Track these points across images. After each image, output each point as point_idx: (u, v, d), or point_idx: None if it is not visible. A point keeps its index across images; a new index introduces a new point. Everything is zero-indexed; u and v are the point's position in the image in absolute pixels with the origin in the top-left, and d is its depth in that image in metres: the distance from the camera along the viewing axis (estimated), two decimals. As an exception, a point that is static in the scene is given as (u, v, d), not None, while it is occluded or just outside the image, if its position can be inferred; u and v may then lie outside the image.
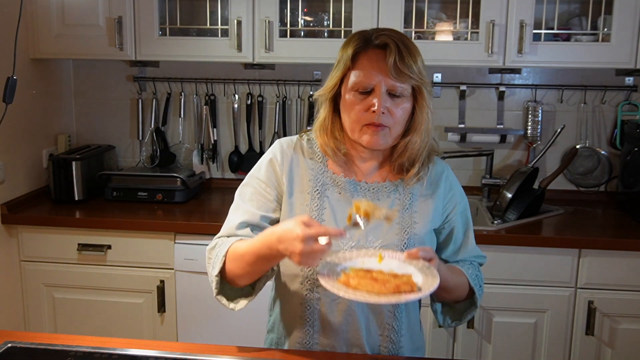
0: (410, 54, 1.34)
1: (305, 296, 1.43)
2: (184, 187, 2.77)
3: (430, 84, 1.41)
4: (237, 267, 1.35)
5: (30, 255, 2.58)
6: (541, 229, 2.50)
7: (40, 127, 2.86)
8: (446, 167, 1.53)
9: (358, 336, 1.43)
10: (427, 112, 1.40)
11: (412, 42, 1.38)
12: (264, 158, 1.50)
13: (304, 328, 1.45)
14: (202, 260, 2.44)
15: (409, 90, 1.36)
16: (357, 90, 1.36)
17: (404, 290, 1.22)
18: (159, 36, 2.67)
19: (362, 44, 1.37)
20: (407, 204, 1.45)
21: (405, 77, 1.33)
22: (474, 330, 2.44)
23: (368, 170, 1.47)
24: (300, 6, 2.67)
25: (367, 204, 1.29)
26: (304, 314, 1.44)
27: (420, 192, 1.47)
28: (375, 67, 1.34)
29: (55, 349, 1.36)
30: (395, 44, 1.33)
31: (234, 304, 1.41)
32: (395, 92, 1.35)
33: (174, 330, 2.55)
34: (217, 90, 3.03)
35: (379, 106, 1.33)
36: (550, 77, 2.88)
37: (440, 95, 2.94)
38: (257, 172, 1.48)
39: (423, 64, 1.38)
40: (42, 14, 2.68)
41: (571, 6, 2.73)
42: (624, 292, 2.35)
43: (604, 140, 2.90)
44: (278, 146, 1.50)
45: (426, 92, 1.39)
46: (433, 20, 2.68)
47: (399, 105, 1.36)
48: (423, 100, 1.38)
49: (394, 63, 1.32)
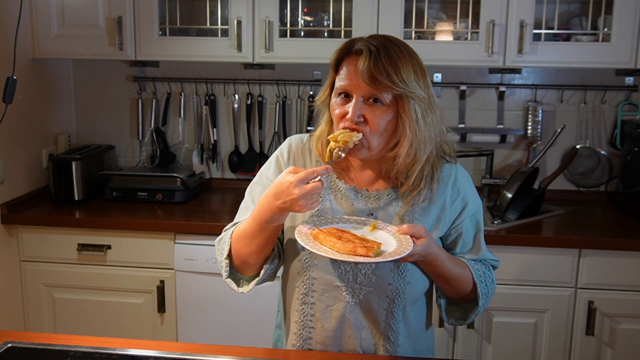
0: (390, 61, 1.29)
1: (301, 300, 1.43)
2: (184, 187, 2.77)
3: (423, 97, 1.32)
4: (243, 244, 1.37)
5: (30, 255, 2.58)
6: (541, 229, 2.50)
7: (40, 127, 2.86)
8: (456, 171, 1.47)
9: (352, 343, 1.42)
10: (410, 125, 1.31)
11: (402, 50, 1.32)
12: (273, 156, 1.52)
13: (299, 332, 1.45)
14: (202, 260, 2.46)
15: (389, 98, 1.30)
16: (340, 95, 1.35)
17: (360, 253, 1.22)
18: (158, 36, 2.67)
19: (346, 51, 1.36)
20: (409, 212, 1.42)
21: (380, 85, 1.28)
22: (474, 330, 2.44)
23: (367, 179, 1.45)
24: (300, 6, 2.67)
25: (342, 133, 1.31)
26: (299, 318, 1.44)
27: (423, 200, 1.41)
28: (352, 72, 1.32)
29: (55, 349, 1.36)
30: (371, 50, 1.29)
31: (241, 287, 1.43)
32: (372, 99, 1.31)
33: (174, 330, 2.55)
34: (217, 90, 3.03)
35: (352, 114, 1.30)
36: (550, 77, 2.88)
37: (440, 95, 2.94)
38: (266, 170, 1.50)
39: (417, 75, 1.32)
40: (42, 14, 2.67)
41: (571, 6, 2.73)
42: (624, 292, 2.35)
43: (604, 140, 2.90)
44: (287, 144, 1.51)
45: (414, 103, 1.31)
46: (433, 20, 2.68)
47: (376, 113, 1.31)
48: (405, 112, 1.31)
49: (367, 70, 1.28)
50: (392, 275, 1.39)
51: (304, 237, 1.28)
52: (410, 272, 1.40)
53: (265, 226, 1.32)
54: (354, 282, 1.39)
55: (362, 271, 1.39)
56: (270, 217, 1.30)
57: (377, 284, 1.39)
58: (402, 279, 1.39)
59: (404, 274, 1.39)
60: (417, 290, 1.43)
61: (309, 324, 1.43)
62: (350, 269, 1.39)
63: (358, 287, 1.39)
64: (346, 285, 1.39)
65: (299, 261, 1.41)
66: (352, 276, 1.39)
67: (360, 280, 1.39)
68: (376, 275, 1.39)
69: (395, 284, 1.39)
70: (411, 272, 1.40)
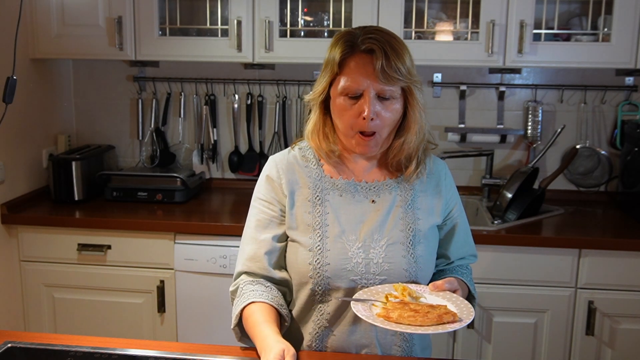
0: (397, 55, 1.33)
1: (317, 301, 1.44)
2: (184, 187, 2.77)
3: (419, 81, 1.39)
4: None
5: (30, 255, 2.58)
6: (541, 229, 2.50)
7: (40, 127, 2.86)
8: (445, 164, 1.56)
9: (369, 337, 1.43)
10: (419, 110, 1.40)
11: (398, 42, 1.37)
12: (261, 178, 1.52)
13: (315, 332, 1.45)
14: (202, 260, 2.46)
15: (398, 91, 1.36)
16: (347, 95, 1.37)
17: (447, 320, 1.24)
18: (158, 36, 2.67)
19: (349, 49, 1.36)
20: (410, 200, 1.46)
21: (393, 80, 1.33)
22: (474, 330, 2.44)
23: (364, 170, 1.48)
24: (300, 6, 2.67)
25: (403, 287, 1.33)
26: (315, 318, 1.45)
27: (421, 188, 1.48)
28: (362, 72, 1.34)
29: (55, 349, 1.36)
30: (382, 48, 1.32)
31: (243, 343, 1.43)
32: (384, 95, 1.35)
33: (174, 330, 2.55)
34: (217, 90, 3.03)
35: (368, 113, 1.34)
36: (550, 77, 2.88)
37: (440, 95, 2.94)
38: (257, 192, 1.51)
39: (412, 62, 1.38)
40: (42, 14, 2.68)
41: (571, 6, 2.73)
42: (624, 292, 2.35)
43: (604, 140, 2.90)
44: (272, 163, 1.51)
45: (416, 90, 1.38)
46: (433, 20, 2.68)
47: (388, 107, 1.36)
48: (414, 99, 1.38)
49: (382, 68, 1.31)
50: (405, 262, 1.41)
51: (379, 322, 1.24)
52: (422, 257, 1.44)
53: None
54: (367, 272, 1.40)
55: (374, 261, 1.41)
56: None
57: (391, 271, 1.41)
58: (416, 265, 1.42)
59: (417, 260, 1.42)
60: (428, 275, 1.47)
61: (325, 324, 1.44)
62: (362, 261, 1.41)
63: (372, 277, 1.40)
64: (360, 278, 1.40)
65: (310, 264, 1.41)
66: (365, 267, 1.41)
67: (373, 270, 1.41)
68: (389, 263, 1.41)
69: (410, 269, 1.41)
70: (423, 258, 1.44)
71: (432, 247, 1.48)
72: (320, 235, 1.42)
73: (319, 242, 1.42)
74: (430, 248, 1.47)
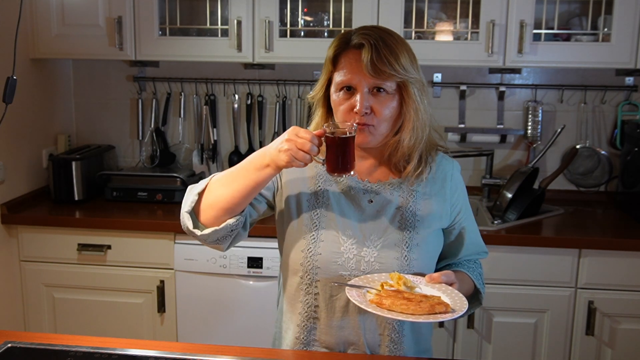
0: (390, 50, 1.33)
1: (305, 291, 1.44)
2: (184, 187, 2.76)
3: (419, 79, 1.38)
4: (221, 184, 1.37)
5: (30, 255, 2.58)
6: (541, 229, 2.50)
7: (40, 127, 2.86)
8: (454, 166, 1.52)
9: (357, 334, 1.43)
10: (416, 108, 1.38)
11: (395, 38, 1.37)
12: None
13: (303, 324, 1.45)
14: (202, 260, 2.46)
15: (392, 87, 1.36)
16: (342, 90, 1.38)
17: (439, 310, 1.24)
18: (158, 36, 2.67)
19: (342, 45, 1.38)
20: (411, 202, 1.45)
21: (384, 75, 1.33)
22: (474, 330, 2.44)
23: (367, 170, 1.48)
24: (300, 6, 2.67)
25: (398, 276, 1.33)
26: (303, 310, 1.45)
27: (424, 190, 1.47)
28: (354, 67, 1.35)
29: (55, 349, 1.36)
30: (371, 42, 1.33)
31: (197, 229, 1.39)
32: (377, 88, 1.36)
33: (174, 330, 2.55)
34: (217, 90, 3.03)
35: (360, 107, 1.34)
36: (550, 77, 2.88)
37: (440, 95, 2.94)
38: None
39: (411, 60, 1.38)
40: (42, 14, 2.67)
41: (571, 6, 2.73)
42: (624, 292, 2.35)
43: (604, 140, 2.90)
44: None
45: (414, 87, 1.37)
46: (433, 20, 2.68)
47: (383, 103, 1.36)
48: (408, 97, 1.37)
49: (370, 62, 1.32)
50: (397, 264, 1.40)
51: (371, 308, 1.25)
52: (417, 262, 1.42)
53: (247, 172, 1.33)
54: (357, 270, 1.40)
55: (365, 259, 1.40)
56: (254, 163, 1.32)
57: (381, 271, 1.40)
58: (408, 269, 1.41)
59: (410, 263, 1.41)
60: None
61: (313, 315, 1.44)
62: (353, 257, 1.41)
63: (361, 275, 1.40)
64: (349, 274, 1.40)
65: (302, 252, 1.42)
66: (355, 264, 1.40)
67: (363, 268, 1.40)
68: (380, 263, 1.40)
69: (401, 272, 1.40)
70: (418, 262, 1.42)
71: (431, 251, 1.47)
72: (317, 226, 1.43)
73: (314, 231, 1.43)
74: (428, 253, 1.46)
